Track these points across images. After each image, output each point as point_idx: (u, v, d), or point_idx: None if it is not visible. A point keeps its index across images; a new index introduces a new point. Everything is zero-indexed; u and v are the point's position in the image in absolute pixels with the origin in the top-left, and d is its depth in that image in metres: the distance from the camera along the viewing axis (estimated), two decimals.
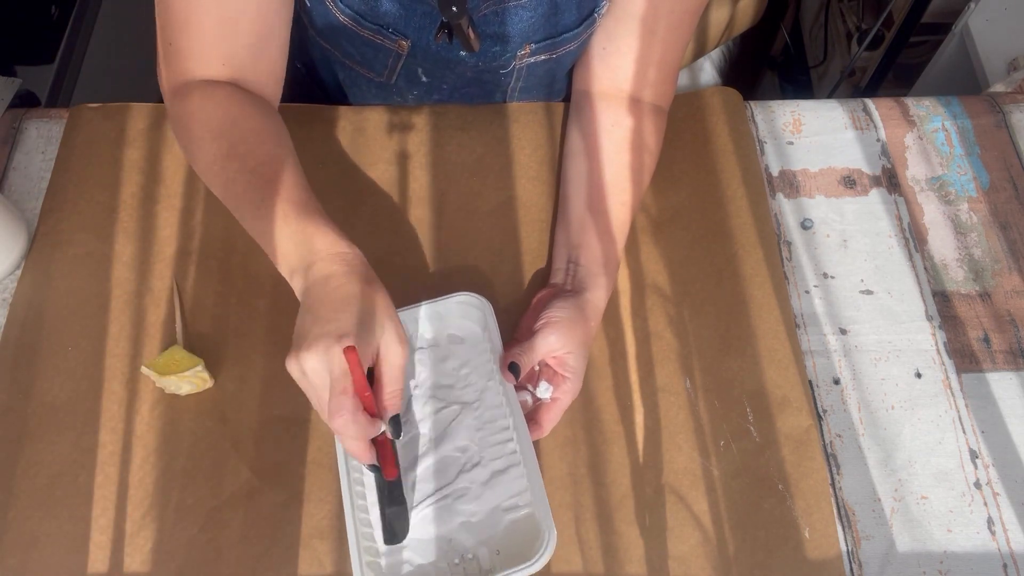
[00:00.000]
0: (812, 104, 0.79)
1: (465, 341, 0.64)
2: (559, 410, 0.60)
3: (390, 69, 0.73)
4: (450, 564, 0.55)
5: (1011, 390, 0.65)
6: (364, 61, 0.73)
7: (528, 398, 0.61)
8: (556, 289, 0.64)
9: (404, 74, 0.74)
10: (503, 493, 0.57)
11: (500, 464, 0.58)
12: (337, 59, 0.75)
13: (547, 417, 0.60)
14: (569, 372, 0.60)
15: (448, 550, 0.55)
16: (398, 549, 0.56)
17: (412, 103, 0.79)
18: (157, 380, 0.61)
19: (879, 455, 0.62)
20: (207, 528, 0.59)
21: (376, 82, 0.76)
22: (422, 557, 0.55)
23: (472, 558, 0.55)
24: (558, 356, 0.60)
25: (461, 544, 0.56)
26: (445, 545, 0.55)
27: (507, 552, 0.55)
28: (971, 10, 1.09)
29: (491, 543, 0.55)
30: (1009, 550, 0.59)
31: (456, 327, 0.64)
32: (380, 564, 0.55)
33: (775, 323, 0.66)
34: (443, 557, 0.55)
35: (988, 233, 0.72)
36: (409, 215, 0.72)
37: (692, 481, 0.60)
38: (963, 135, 0.77)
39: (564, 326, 0.59)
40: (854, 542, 0.59)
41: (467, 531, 0.56)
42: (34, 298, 0.67)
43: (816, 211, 0.73)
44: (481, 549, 0.55)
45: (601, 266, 0.64)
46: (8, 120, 0.77)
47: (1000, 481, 0.61)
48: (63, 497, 0.59)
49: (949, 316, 0.68)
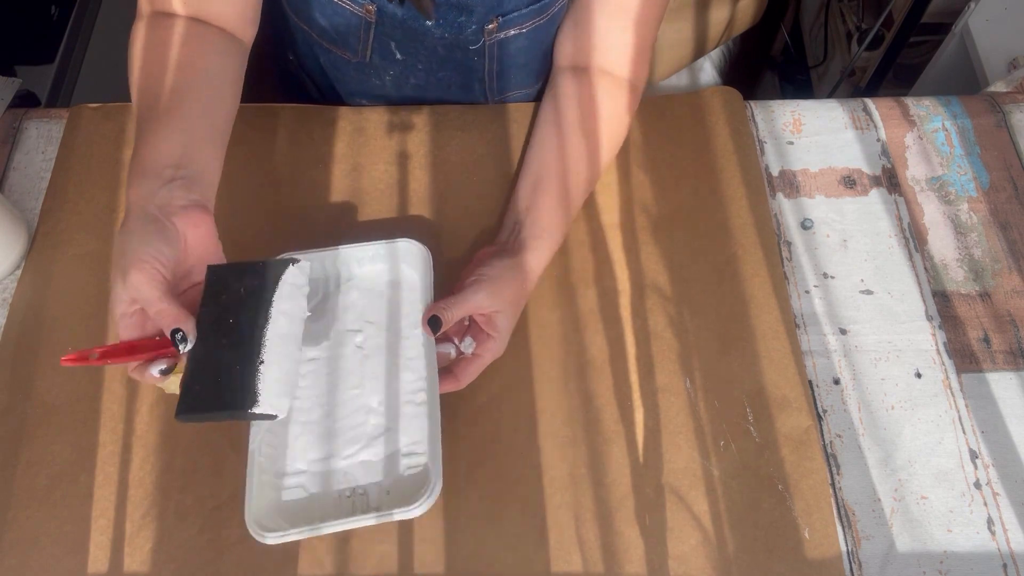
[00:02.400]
0: (812, 104, 0.79)
1: (402, 286, 0.65)
2: (478, 367, 0.61)
3: (363, 43, 0.73)
4: (340, 495, 0.57)
5: (1011, 390, 0.65)
6: (339, 37, 0.73)
7: (452, 351, 0.61)
8: (498, 247, 0.65)
9: (378, 49, 0.74)
10: (404, 439, 0.59)
11: (408, 411, 0.60)
12: (316, 41, 0.76)
13: (465, 372, 0.60)
14: (494, 331, 0.60)
15: (342, 482, 0.58)
16: (296, 475, 0.58)
17: (391, 87, 0.79)
18: None
19: (879, 455, 0.62)
20: (207, 528, 0.59)
21: (354, 63, 0.76)
22: (316, 486, 0.57)
23: (363, 493, 0.57)
24: (486, 313, 0.60)
25: (356, 479, 0.58)
26: (340, 478, 0.58)
27: (396, 494, 0.57)
28: (971, 10, 1.09)
29: (384, 483, 0.57)
30: (1009, 550, 0.59)
31: (396, 272, 0.66)
32: (279, 483, 0.57)
33: (775, 323, 0.66)
34: (336, 488, 0.57)
35: (988, 233, 0.72)
36: (409, 215, 0.72)
37: (692, 481, 0.60)
38: (963, 135, 0.77)
39: (495, 284, 0.60)
40: (854, 542, 0.59)
41: (364, 469, 0.58)
42: (34, 298, 0.67)
43: (816, 211, 0.73)
44: (373, 487, 0.57)
45: (545, 230, 0.65)
46: (8, 120, 0.77)
47: (1000, 481, 0.61)
48: (63, 497, 0.59)
49: (949, 316, 0.68)
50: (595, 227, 0.71)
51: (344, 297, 0.65)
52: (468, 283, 0.60)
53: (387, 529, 0.59)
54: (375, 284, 0.65)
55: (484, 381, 0.64)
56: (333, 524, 0.54)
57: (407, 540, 0.58)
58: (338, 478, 0.58)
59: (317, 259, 0.63)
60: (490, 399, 0.63)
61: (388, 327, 0.63)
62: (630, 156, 0.75)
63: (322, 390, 0.61)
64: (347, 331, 0.63)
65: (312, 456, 0.58)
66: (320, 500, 0.57)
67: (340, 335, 0.63)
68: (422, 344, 0.61)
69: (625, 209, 0.72)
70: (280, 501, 0.56)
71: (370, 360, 0.62)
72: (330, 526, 0.53)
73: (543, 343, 0.66)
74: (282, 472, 0.58)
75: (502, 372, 0.64)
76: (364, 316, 0.64)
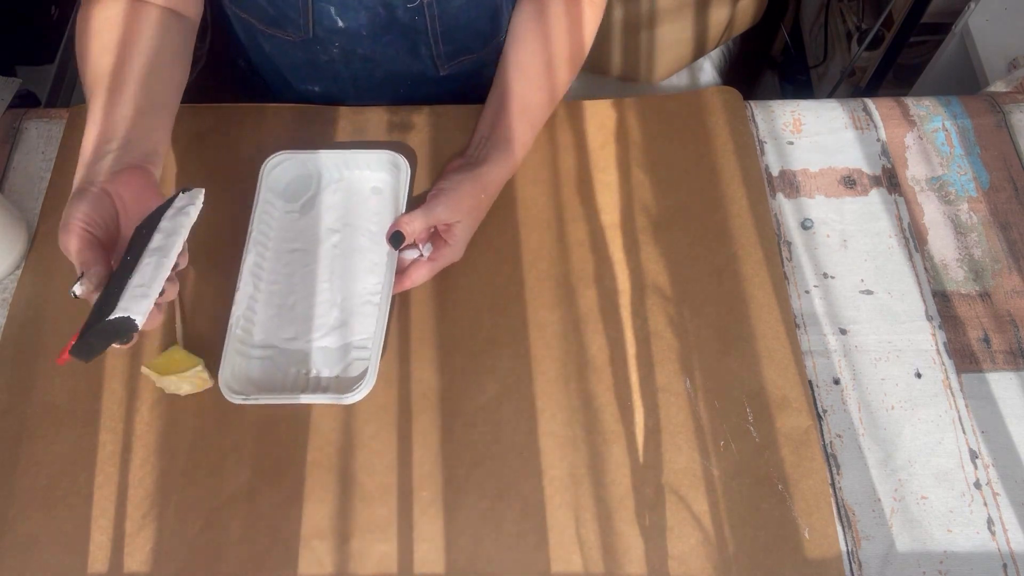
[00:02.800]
0: (812, 104, 0.79)
1: (383, 193, 0.72)
2: (430, 270, 0.66)
3: (303, 15, 0.73)
4: (299, 373, 0.64)
5: (1011, 390, 0.65)
6: (279, 15, 0.73)
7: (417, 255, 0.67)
8: (463, 160, 0.71)
9: (318, 20, 0.74)
10: (358, 333, 0.65)
11: (366, 310, 0.66)
12: (258, 30, 0.76)
13: (417, 273, 0.66)
14: (452, 239, 0.66)
15: (301, 364, 0.64)
16: (266, 349, 0.65)
17: (340, 63, 0.78)
18: (157, 380, 0.61)
19: (879, 455, 0.62)
20: (207, 528, 0.59)
21: (300, 43, 0.76)
22: (282, 361, 0.65)
23: (316, 375, 0.64)
24: (447, 223, 0.66)
25: (313, 363, 0.64)
26: (302, 358, 0.65)
27: (343, 380, 0.64)
28: (971, 10, 1.09)
29: (334, 370, 0.64)
30: (1009, 550, 0.59)
31: (378, 180, 0.72)
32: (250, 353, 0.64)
33: (775, 323, 0.66)
34: (296, 367, 0.64)
35: (988, 233, 0.72)
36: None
37: (692, 481, 0.60)
38: (963, 135, 0.77)
39: (452, 196, 0.66)
40: (854, 542, 0.59)
41: (322, 354, 0.65)
42: (34, 298, 0.67)
43: (816, 211, 0.73)
44: (325, 371, 0.64)
45: (508, 143, 0.70)
46: (8, 120, 0.77)
47: (1000, 481, 0.61)
48: (63, 497, 0.59)
49: (949, 316, 0.68)
50: (595, 227, 0.71)
51: (331, 197, 0.72)
52: (429, 197, 0.66)
53: (387, 529, 0.59)
54: (359, 189, 0.72)
55: (484, 381, 0.64)
56: (289, 396, 0.62)
57: (407, 540, 0.59)
58: (300, 358, 0.65)
59: (311, 158, 0.71)
60: (490, 399, 0.63)
61: (363, 231, 0.70)
62: (630, 156, 0.75)
63: (297, 280, 0.68)
64: (328, 229, 0.70)
65: (283, 335, 0.65)
66: (282, 375, 0.64)
67: (321, 232, 0.70)
68: (387, 253, 0.66)
69: (625, 209, 0.72)
70: (249, 370, 0.64)
71: (341, 259, 0.69)
72: (284, 397, 0.62)
73: (543, 343, 0.66)
74: (254, 344, 0.65)
75: (502, 372, 0.64)
76: (344, 218, 0.71)
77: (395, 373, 0.64)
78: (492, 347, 0.65)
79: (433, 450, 0.61)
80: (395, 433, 0.62)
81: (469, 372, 0.65)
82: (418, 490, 0.60)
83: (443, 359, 0.65)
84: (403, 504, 0.60)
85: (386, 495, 0.60)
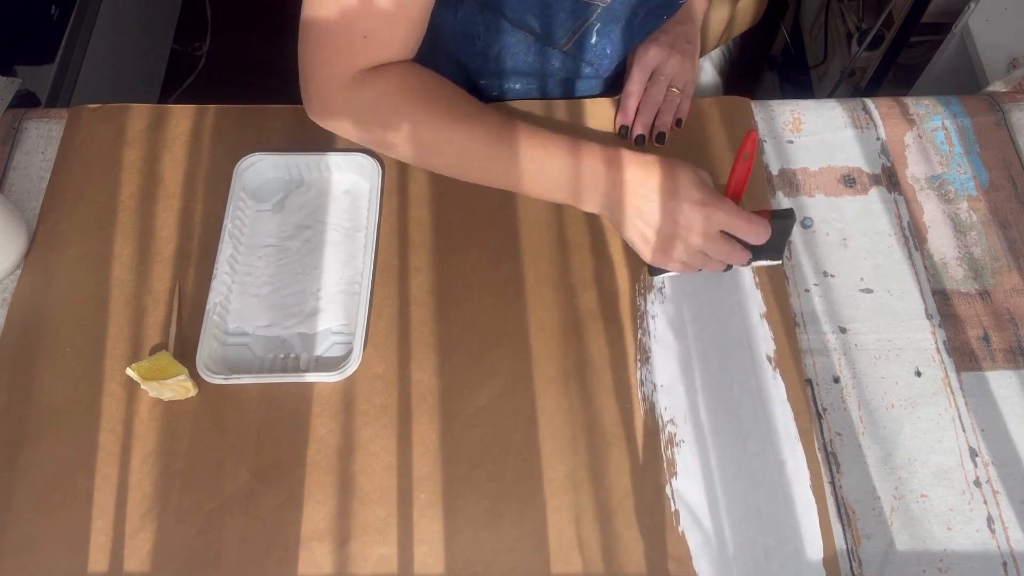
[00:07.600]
0: (812, 103, 0.79)
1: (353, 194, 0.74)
2: (689, 93, 0.73)
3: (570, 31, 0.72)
4: (276, 357, 0.66)
5: (1011, 388, 0.65)
6: (542, 26, 0.72)
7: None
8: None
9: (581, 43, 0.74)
10: (337, 319, 0.67)
11: (340, 299, 0.68)
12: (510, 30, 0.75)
13: (686, 104, 0.72)
14: (681, 51, 0.71)
15: (280, 348, 0.66)
16: (241, 336, 0.66)
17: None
18: (141, 383, 0.61)
19: (879, 454, 0.62)
20: (206, 529, 0.59)
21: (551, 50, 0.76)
22: (258, 347, 0.66)
23: (295, 358, 0.66)
24: (666, 61, 0.71)
25: (292, 347, 0.66)
26: (279, 344, 0.66)
27: (323, 363, 0.65)
28: (971, 10, 1.09)
29: (313, 353, 0.66)
30: (1009, 548, 0.59)
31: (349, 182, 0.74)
32: (226, 339, 0.66)
33: (775, 322, 0.66)
34: (273, 352, 0.66)
35: (988, 232, 0.72)
36: (409, 215, 0.72)
37: (692, 481, 0.60)
38: (963, 134, 0.77)
39: (651, 40, 0.70)
40: (853, 541, 0.59)
41: (300, 340, 0.66)
42: (34, 298, 0.67)
43: (816, 210, 0.73)
44: (304, 354, 0.66)
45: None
46: (8, 120, 0.77)
47: (1000, 479, 0.61)
48: (62, 498, 0.59)
49: (949, 315, 0.68)
50: (595, 227, 0.71)
51: (302, 197, 0.73)
52: (629, 64, 0.72)
53: (386, 531, 0.59)
54: (330, 190, 0.74)
55: (483, 382, 0.64)
56: (266, 376, 0.63)
57: (406, 541, 0.59)
58: (276, 343, 0.66)
59: (282, 162, 0.73)
60: (490, 400, 0.63)
61: (335, 227, 0.72)
62: None
63: (272, 271, 0.69)
64: (299, 226, 0.72)
65: (258, 323, 0.67)
66: (259, 359, 0.66)
67: (292, 229, 0.71)
68: (363, 246, 0.69)
69: None
70: (225, 353, 0.66)
71: (313, 253, 0.70)
72: (263, 377, 0.63)
73: (543, 343, 0.66)
74: (230, 331, 0.67)
75: (502, 373, 0.64)
76: (315, 216, 0.72)
77: (394, 374, 0.64)
78: (492, 348, 0.65)
79: (432, 452, 0.61)
80: (394, 435, 0.62)
81: (468, 373, 0.64)
82: (417, 492, 0.60)
83: (442, 360, 0.65)
84: (402, 506, 0.60)
85: (385, 497, 0.60)
